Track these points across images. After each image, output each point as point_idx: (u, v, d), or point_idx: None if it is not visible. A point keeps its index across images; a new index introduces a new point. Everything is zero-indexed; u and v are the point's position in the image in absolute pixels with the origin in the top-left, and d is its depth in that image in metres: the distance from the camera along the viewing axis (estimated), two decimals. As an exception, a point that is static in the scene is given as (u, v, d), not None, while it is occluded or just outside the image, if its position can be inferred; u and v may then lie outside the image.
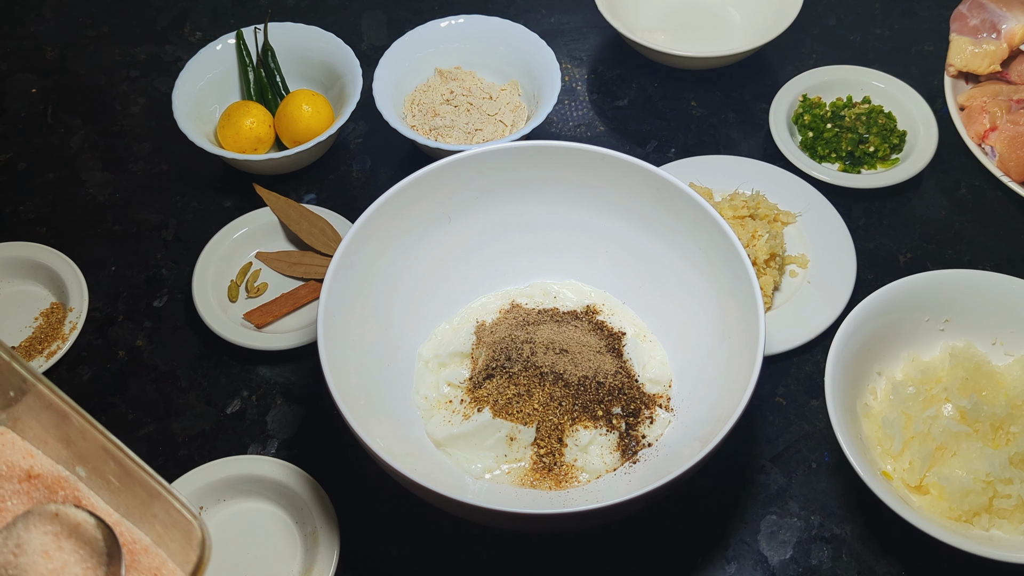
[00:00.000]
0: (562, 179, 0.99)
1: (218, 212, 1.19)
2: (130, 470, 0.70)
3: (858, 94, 1.25)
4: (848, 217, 1.14)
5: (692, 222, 0.94)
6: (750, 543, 0.94)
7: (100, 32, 1.40)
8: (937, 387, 0.96)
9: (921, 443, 0.92)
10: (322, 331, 0.86)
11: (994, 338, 1.00)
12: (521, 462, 0.93)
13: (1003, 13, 1.23)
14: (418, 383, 0.99)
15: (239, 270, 1.13)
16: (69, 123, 1.29)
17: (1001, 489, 0.89)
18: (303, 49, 1.25)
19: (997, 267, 1.11)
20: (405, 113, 1.22)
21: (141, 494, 0.70)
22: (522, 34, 1.24)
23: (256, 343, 1.04)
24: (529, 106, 1.22)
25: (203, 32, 1.39)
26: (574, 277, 1.05)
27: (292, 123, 1.18)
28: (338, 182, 1.22)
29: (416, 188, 0.96)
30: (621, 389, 0.95)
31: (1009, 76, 1.24)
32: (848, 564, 0.92)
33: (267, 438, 1.01)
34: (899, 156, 1.20)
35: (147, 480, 0.69)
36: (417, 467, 0.86)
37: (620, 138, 1.25)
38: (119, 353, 1.08)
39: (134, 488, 0.71)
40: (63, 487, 0.72)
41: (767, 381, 1.03)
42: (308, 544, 0.93)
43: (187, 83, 1.20)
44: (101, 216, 1.20)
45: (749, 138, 1.24)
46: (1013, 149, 1.15)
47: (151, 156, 1.26)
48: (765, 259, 1.05)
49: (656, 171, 0.95)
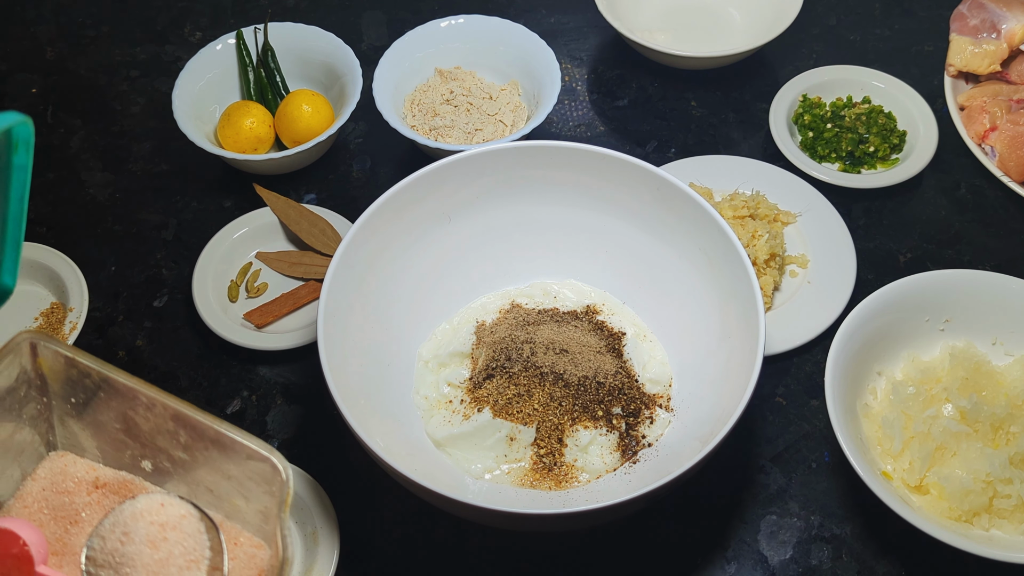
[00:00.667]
0: (562, 179, 0.99)
1: (218, 212, 1.19)
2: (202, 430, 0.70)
3: (858, 94, 1.25)
4: (848, 217, 1.14)
5: (692, 222, 0.94)
6: (750, 543, 0.94)
7: (100, 32, 1.40)
8: (937, 387, 0.96)
9: (921, 443, 0.92)
10: (322, 331, 0.86)
11: (994, 338, 1.00)
12: (521, 462, 0.93)
13: (1003, 13, 1.23)
14: (418, 383, 0.99)
15: (239, 270, 1.13)
16: (69, 123, 1.29)
17: (1001, 489, 0.89)
18: (303, 49, 1.25)
19: (997, 267, 1.11)
20: (405, 113, 1.22)
21: (215, 456, 0.71)
22: (522, 34, 1.24)
23: (256, 343, 1.04)
24: (529, 106, 1.22)
25: (203, 32, 1.39)
26: (574, 277, 1.05)
27: (292, 123, 1.18)
28: (338, 182, 1.22)
29: (416, 188, 0.96)
30: (621, 389, 0.95)
31: (1009, 76, 1.24)
32: (848, 564, 0.92)
33: (267, 438, 1.01)
34: (899, 156, 1.20)
35: (220, 434, 0.70)
36: (417, 467, 0.86)
37: (620, 138, 1.25)
38: (119, 353, 1.08)
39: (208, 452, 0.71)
40: (131, 488, 0.74)
41: (767, 381, 1.03)
42: (308, 544, 0.93)
43: (187, 83, 1.20)
44: (101, 216, 1.20)
45: (749, 138, 1.24)
46: (1013, 149, 1.15)
47: (151, 156, 1.26)
48: (765, 259, 1.05)
49: (656, 171, 0.95)
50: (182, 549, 0.61)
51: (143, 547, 0.60)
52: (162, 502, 0.62)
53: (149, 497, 0.62)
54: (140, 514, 0.61)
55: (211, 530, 0.63)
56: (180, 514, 0.62)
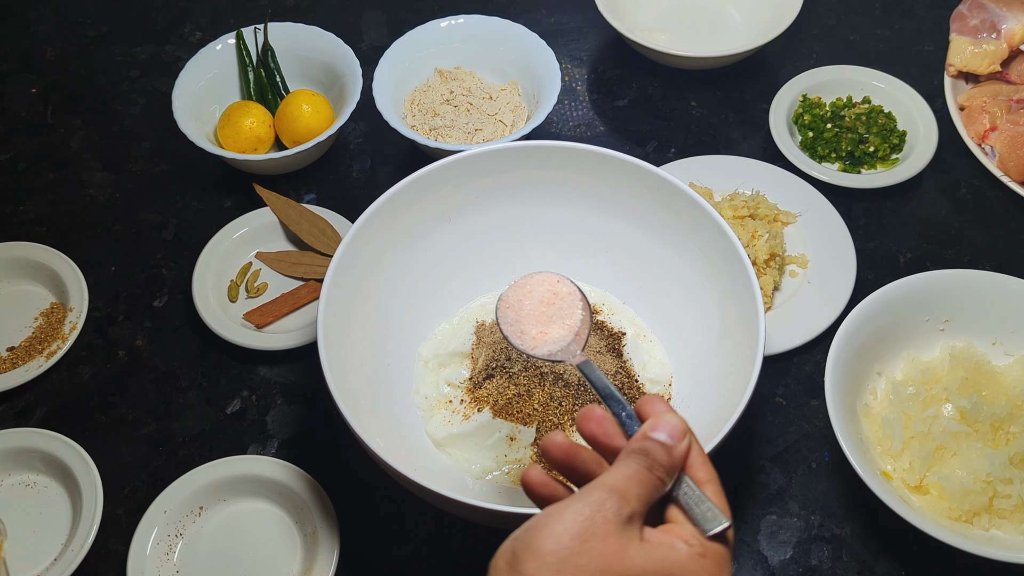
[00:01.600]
0: (562, 179, 0.99)
1: (218, 212, 1.19)
2: None
3: (858, 94, 1.25)
4: (848, 217, 1.14)
5: (692, 222, 0.94)
6: (750, 543, 0.94)
7: (100, 32, 1.40)
8: (937, 387, 0.96)
9: (921, 443, 0.92)
10: (322, 331, 0.86)
11: (994, 338, 1.00)
12: (521, 462, 0.93)
13: (1003, 13, 1.23)
14: (418, 383, 0.99)
15: (239, 270, 1.13)
16: (69, 123, 1.29)
17: (1001, 489, 0.89)
18: (303, 49, 1.25)
19: (997, 267, 1.10)
20: (405, 113, 1.22)
21: None
22: (522, 34, 1.24)
23: (256, 343, 1.04)
24: (529, 106, 1.22)
25: (203, 32, 1.39)
26: (574, 277, 1.05)
27: (292, 123, 1.18)
28: (338, 182, 1.22)
29: (416, 188, 0.96)
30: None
31: (1009, 76, 1.24)
32: (848, 564, 0.92)
33: (267, 438, 1.01)
34: (899, 156, 1.20)
35: None
36: (417, 467, 0.86)
37: (620, 138, 1.25)
38: (119, 353, 1.08)
39: None
40: None
41: (767, 381, 1.03)
42: (308, 544, 0.93)
43: (187, 83, 1.20)
44: (101, 216, 1.20)
45: (749, 138, 1.24)
46: (1013, 149, 1.15)
47: (151, 156, 1.26)
48: (765, 259, 1.05)
49: (656, 171, 0.94)
50: (561, 312, 0.82)
51: (537, 303, 0.82)
52: (559, 279, 0.83)
53: (551, 274, 0.84)
54: (541, 282, 0.83)
55: (585, 308, 0.82)
56: (569, 291, 0.83)
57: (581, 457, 0.61)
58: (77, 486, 0.96)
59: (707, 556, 0.57)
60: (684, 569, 0.55)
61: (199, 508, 0.95)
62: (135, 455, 1.01)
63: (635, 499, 0.56)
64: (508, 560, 0.55)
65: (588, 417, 0.62)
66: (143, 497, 0.97)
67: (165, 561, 0.93)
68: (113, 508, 0.97)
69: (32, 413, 1.04)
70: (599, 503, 0.55)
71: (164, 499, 0.94)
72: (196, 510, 0.95)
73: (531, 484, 0.61)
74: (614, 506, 0.55)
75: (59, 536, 0.96)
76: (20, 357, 1.07)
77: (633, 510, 0.56)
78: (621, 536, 0.55)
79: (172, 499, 0.94)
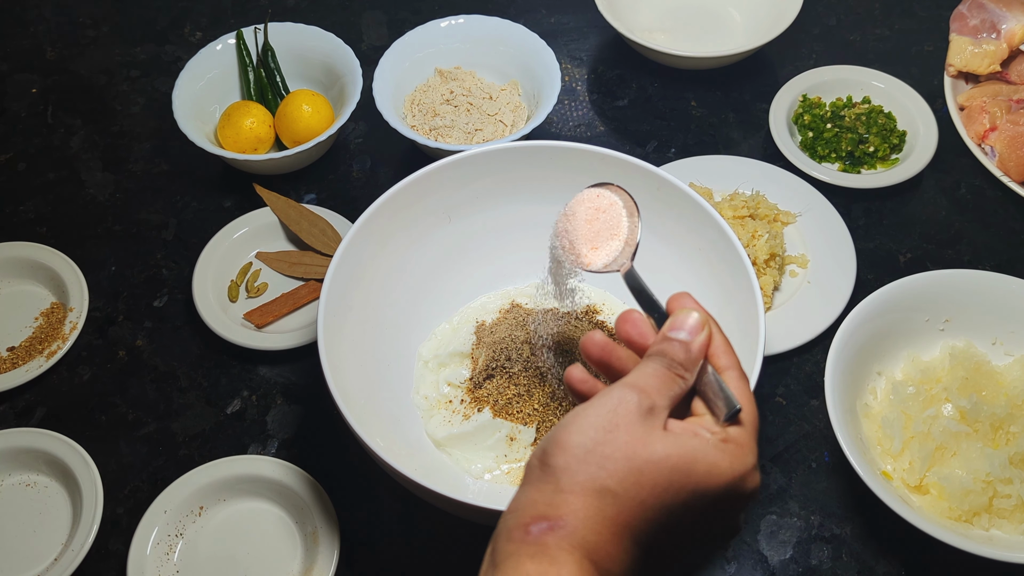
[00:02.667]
0: (562, 179, 0.99)
1: (218, 212, 1.19)
2: None
3: (858, 94, 1.25)
4: (848, 217, 1.14)
5: (692, 222, 0.94)
6: (750, 543, 0.94)
7: (100, 32, 1.40)
8: (937, 387, 0.96)
9: (921, 443, 0.92)
10: (322, 331, 0.86)
11: (994, 338, 1.00)
12: (521, 462, 0.93)
13: (1003, 13, 1.23)
14: (418, 383, 0.99)
15: (239, 270, 1.13)
16: (69, 123, 1.29)
17: (1001, 489, 0.89)
18: (303, 49, 1.25)
19: (997, 267, 1.11)
20: (405, 113, 1.22)
21: None
22: (522, 34, 1.24)
23: (256, 343, 1.04)
24: (529, 106, 1.22)
25: (203, 32, 1.39)
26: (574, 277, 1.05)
27: (292, 123, 1.18)
28: (338, 182, 1.22)
29: (416, 188, 0.96)
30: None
31: (1009, 76, 1.24)
32: (848, 564, 0.92)
33: (267, 438, 1.01)
34: (899, 156, 1.20)
35: None
36: (417, 467, 0.86)
37: (620, 138, 1.25)
38: (119, 353, 1.08)
39: None
40: None
41: (767, 381, 1.03)
42: (308, 544, 0.93)
43: (187, 83, 1.20)
44: (101, 216, 1.20)
45: (749, 138, 1.24)
46: (1013, 149, 1.15)
47: (151, 156, 1.26)
48: (765, 259, 1.05)
49: (656, 171, 0.94)
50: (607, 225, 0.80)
51: (582, 221, 0.80)
52: (598, 193, 0.80)
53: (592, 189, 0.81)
54: (583, 199, 0.81)
55: (632, 216, 0.79)
56: (610, 202, 0.80)
57: (617, 355, 0.65)
58: (77, 486, 0.96)
59: (729, 441, 0.59)
60: (706, 455, 0.58)
61: (199, 508, 0.95)
62: (135, 455, 1.01)
63: (655, 393, 0.59)
64: (540, 457, 0.58)
65: (625, 319, 0.65)
66: (143, 497, 0.97)
67: (165, 561, 0.93)
68: (113, 508, 0.97)
69: (32, 413, 1.04)
70: (621, 398, 0.58)
71: (164, 499, 0.94)
72: (196, 510, 0.95)
73: (572, 381, 0.64)
74: (635, 399, 0.58)
75: (59, 536, 0.96)
76: (20, 357, 1.07)
77: (654, 403, 0.59)
78: (644, 426, 0.58)
79: (172, 499, 0.94)
